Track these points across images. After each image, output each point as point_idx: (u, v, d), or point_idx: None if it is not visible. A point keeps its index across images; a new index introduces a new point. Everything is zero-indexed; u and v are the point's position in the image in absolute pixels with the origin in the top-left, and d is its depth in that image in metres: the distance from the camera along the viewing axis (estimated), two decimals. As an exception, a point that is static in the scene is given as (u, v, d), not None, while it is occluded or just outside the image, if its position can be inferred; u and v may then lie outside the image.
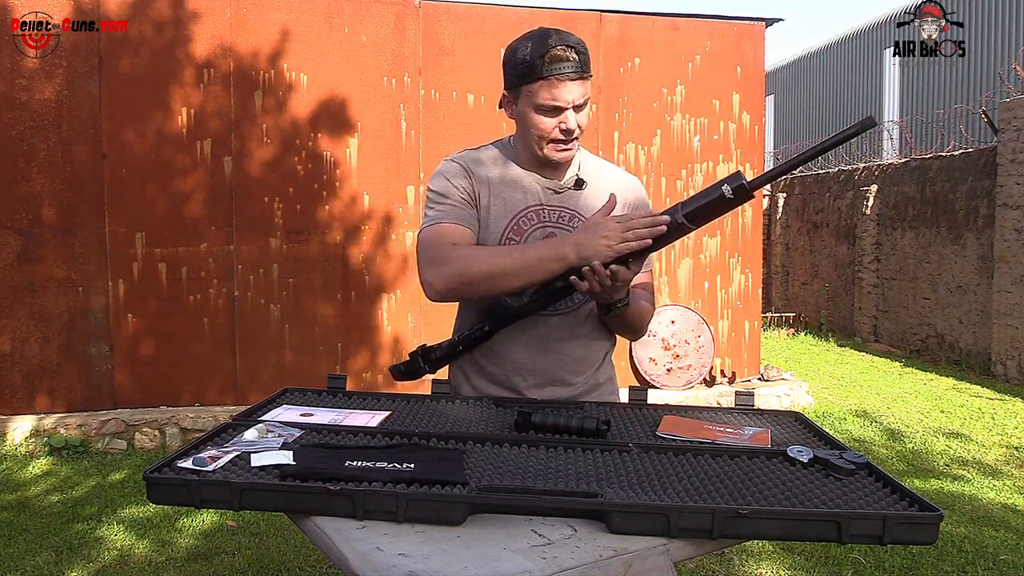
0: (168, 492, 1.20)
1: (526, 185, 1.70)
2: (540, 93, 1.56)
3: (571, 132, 1.60)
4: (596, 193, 1.71)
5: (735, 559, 3.33)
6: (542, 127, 1.60)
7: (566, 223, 1.69)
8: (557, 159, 1.65)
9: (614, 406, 1.72)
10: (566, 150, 1.64)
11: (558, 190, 1.70)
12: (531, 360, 1.70)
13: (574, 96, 1.57)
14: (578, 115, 1.60)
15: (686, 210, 1.45)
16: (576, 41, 1.58)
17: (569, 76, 1.55)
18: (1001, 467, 4.67)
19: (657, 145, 5.82)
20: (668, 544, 1.11)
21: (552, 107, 1.57)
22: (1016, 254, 7.00)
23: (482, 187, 1.69)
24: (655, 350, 5.82)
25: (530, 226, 1.68)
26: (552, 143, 1.63)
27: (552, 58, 1.54)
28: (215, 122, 5.08)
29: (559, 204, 1.70)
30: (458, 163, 1.71)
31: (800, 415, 1.68)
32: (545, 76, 1.55)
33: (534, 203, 1.69)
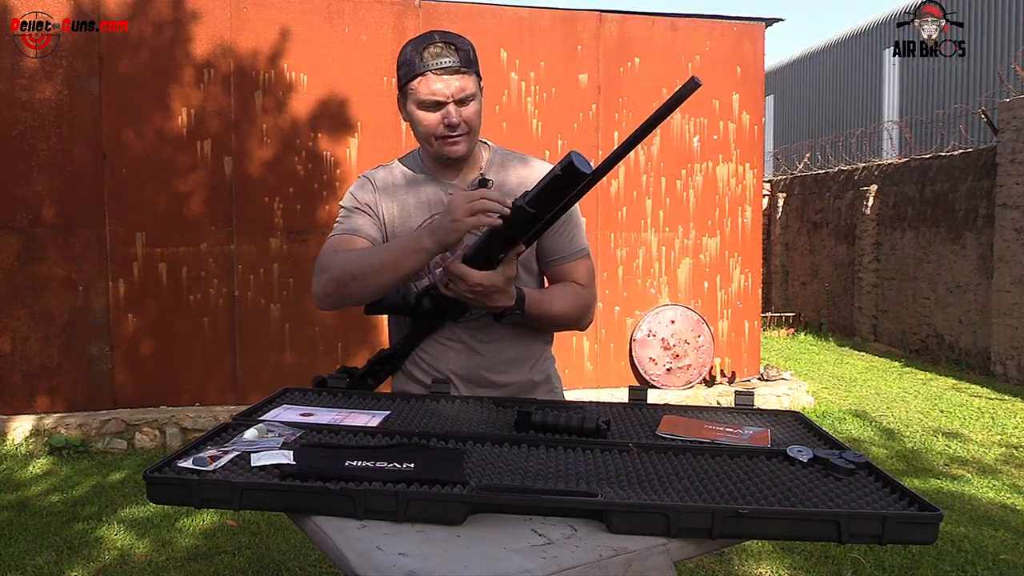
0: (168, 492, 1.20)
1: (429, 192, 1.71)
2: (420, 89, 1.58)
3: (454, 126, 1.60)
4: (505, 192, 1.67)
5: (735, 559, 3.33)
6: (426, 123, 1.61)
7: None
8: (448, 153, 1.64)
9: (614, 406, 1.72)
10: (454, 144, 1.63)
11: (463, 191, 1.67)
12: (458, 364, 1.72)
13: (452, 89, 1.57)
14: (463, 109, 1.60)
15: (528, 196, 1.43)
16: (456, 38, 1.60)
17: (446, 70, 1.57)
18: (1000, 467, 4.67)
19: (657, 145, 5.82)
20: (668, 544, 1.11)
21: (432, 102, 1.59)
22: (1016, 254, 7.00)
23: (387, 200, 1.71)
24: (655, 350, 5.83)
25: None
26: (440, 139, 1.63)
27: (429, 54, 1.57)
28: (215, 122, 5.08)
29: None
30: (365, 177, 1.75)
31: (800, 415, 1.68)
32: (422, 72, 1.57)
33: (437, 210, 1.67)
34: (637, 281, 5.86)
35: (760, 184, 6.12)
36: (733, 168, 5.97)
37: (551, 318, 1.71)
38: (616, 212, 5.77)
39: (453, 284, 1.52)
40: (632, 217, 5.81)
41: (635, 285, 5.86)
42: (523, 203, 1.43)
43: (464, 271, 1.50)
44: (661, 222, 5.87)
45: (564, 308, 1.72)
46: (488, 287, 1.51)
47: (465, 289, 1.51)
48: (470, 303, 1.56)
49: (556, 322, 1.74)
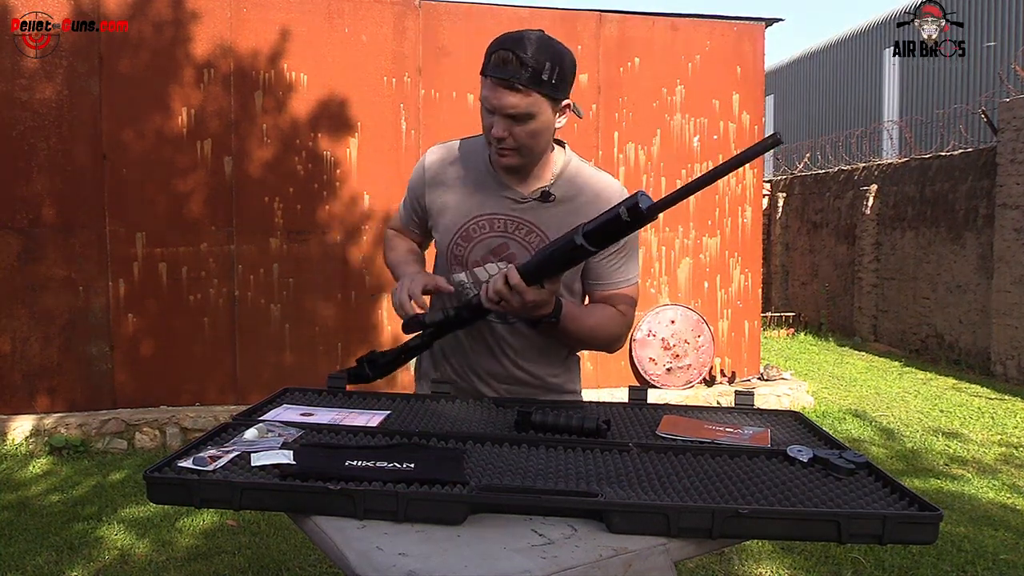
0: (168, 492, 1.20)
1: (487, 191, 1.66)
2: (482, 87, 1.55)
3: (500, 139, 1.54)
4: (569, 208, 1.64)
5: (735, 559, 3.33)
6: (483, 124, 1.58)
7: (522, 236, 1.65)
8: (496, 162, 1.61)
9: (614, 406, 1.72)
10: (502, 155, 1.57)
11: (520, 200, 1.64)
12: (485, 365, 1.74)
13: (504, 103, 1.50)
14: (514, 126, 1.53)
15: (587, 230, 1.40)
16: (535, 50, 1.49)
17: (501, 82, 1.50)
18: (1000, 467, 4.67)
19: (657, 145, 5.82)
20: (668, 544, 1.11)
21: (487, 107, 1.54)
22: (1016, 254, 7.00)
23: (435, 185, 1.71)
24: (655, 350, 5.83)
25: (480, 234, 1.66)
26: (491, 144, 1.59)
27: (497, 59, 1.50)
28: (215, 122, 5.08)
29: (519, 216, 1.65)
30: (425, 160, 1.75)
31: (800, 415, 1.68)
32: (485, 74, 1.53)
33: (489, 212, 1.65)
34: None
35: (760, 184, 6.12)
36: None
37: (584, 335, 1.66)
38: (616, 212, 5.77)
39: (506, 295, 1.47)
40: (632, 217, 5.79)
41: (635, 285, 5.85)
42: (583, 241, 1.39)
43: (522, 287, 1.45)
44: (661, 222, 5.87)
45: (598, 328, 1.67)
46: (537, 302, 1.49)
47: (517, 303, 1.47)
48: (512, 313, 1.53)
49: (588, 340, 1.69)
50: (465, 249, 1.68)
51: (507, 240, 1.65)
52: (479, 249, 1.67)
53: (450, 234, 1.69)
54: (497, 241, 1.66)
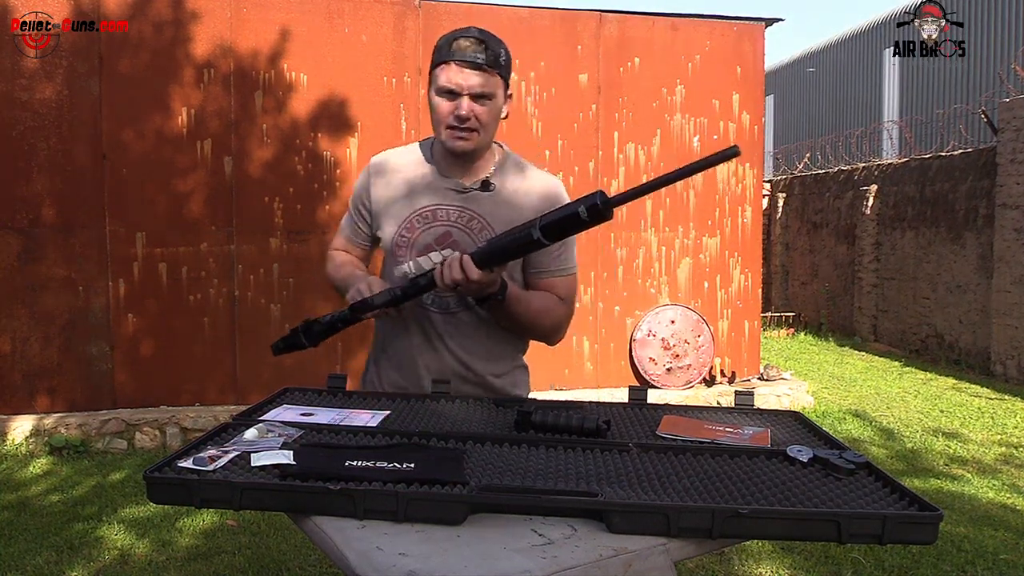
0: (168, 492, 1.20)
1: (427, 184, 1.76)
2: (440, 76, 1.63)
3: (463, 119, 1.64)
4: (508, 197, 1.74)
5: (735, 559, 3.33)
6: (439, 110, 1.65)
7: (464, 224, 1.72)
8: (453, 146, 1.67)
9: (614, 406, 1.72)
10: (461, 138, 1.66)
11: (461, 191, 1.73)
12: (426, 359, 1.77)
13: (471, 83, 1.62)
14: (477, 105, 1.64)
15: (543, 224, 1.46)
16: (491, 38, 1.66)
17: (468, 64, 1.62)
18: (1000, 467, 4.67)
19: (657, 145, 5.82)
20: (668, 544, 1.11)
21: (447, 90, 1.63)
22: (1016, 254, 7.00)
23: (378, 185, 1.79)
24: (655, 350, 5.83)
25: (424, 225, 1.74)
26: (449, 129, 1.66)
27: (458, 46, 1.62)
28: (215, 122, 5.08)
29: (461, 205, 1.73)
30: (369, 165, 1.84)
31: (800, 415, 1.68)
32: (446, 60, 1.62)
33: (432, 203, 1.74)
34: (637, 281, 5.86)
35: (760, 184, 6.12)
36: (733, 168, 5.97)
37: (529, 317, 1.71)
38: (616, 212, 5.76)
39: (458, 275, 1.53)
40: (632, 217, 5.81)
41: (635, 285, 5.86)
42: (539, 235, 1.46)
43: (469, 266, 1.52)
44: (661, 222, 5.87)
45: (543, 312, 1.74)
46: (484, 283, 1.55)
47: (462, 280, 1.53)
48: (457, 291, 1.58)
49: (530, 323, 1.74)
50: (409, 240, 1.74)
51: (450, 228, 1.72)
52: (423, 239, 1.73)
53: (395, 227, 1.76)
54: (441, 230, 1.73)
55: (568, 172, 5.67)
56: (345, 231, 1.89)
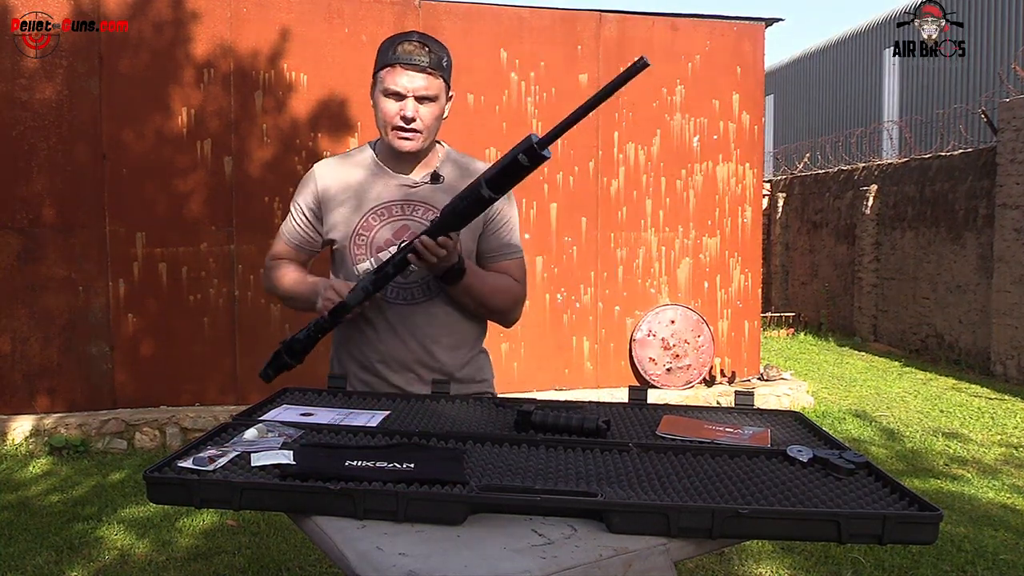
0: (168, 492, 1.20)
1: (379, 183, 1.81)
2: (386, 79, 1.71)
3: (408, 120, 1.70)
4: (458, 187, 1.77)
5: (735, 559, 3.33)
6: (384, 112, 1.72)
7: (420, 216, 1.79)
8: (399, 147, 1.74)
9: (614, 406, 1.72)
10: (407, 139, 1.73)
11: (412, 185, 1.81)
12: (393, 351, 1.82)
13: (416, 85, 1.69)
14: (422, 107, 1.71)
15: (487, 177, 1.52)
16: (433, 42, 1.73)
17: (414, 66, 1.68)
18: (1000, 467, 4.67)
19: (657, 145, 5.82)
20: (668, 544, 1.11)
21: (393, 92, 1.70)
22: (1016, 254, 7.00)
23: (329, 190, 1.83)
24: (655, 350, 5.83)
25: (380, 222, 1.80)
26: (395, 129, 1.73)
27: (403, 49, 1.69)
28: (215, 122, 5.08)
29: (414, 199, 1.81)
30: (314, 171, 1.88)
31: (800, 415, 1.68)
32: (392, 63, 1.70)
33: (385, 200, 1.80)
34: (637, 281, 5.86)
35: (760, 184, 6.12)
36: (733, 168, 5.97)
37: (486, 294, 1.79)
38: (616, 212, 5.78)
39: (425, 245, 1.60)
40: (632, 217, 5.81)
41: (635, 285, 5.86)
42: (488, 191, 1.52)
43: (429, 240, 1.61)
44: (661, 222, 5.87)
45: (499, 290, 1.82)
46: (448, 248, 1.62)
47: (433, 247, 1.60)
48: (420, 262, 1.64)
49: (490, 300, 1.81)
50: (368, 238, 1.80)
51: (406, 221, 1.79)
52: (381, 234, 1.79)
53: (350, 228, 1.80)
54: (397, 224, 1.80)
55: (568, 172, 5.67)
56: (290, 239, 1.91)
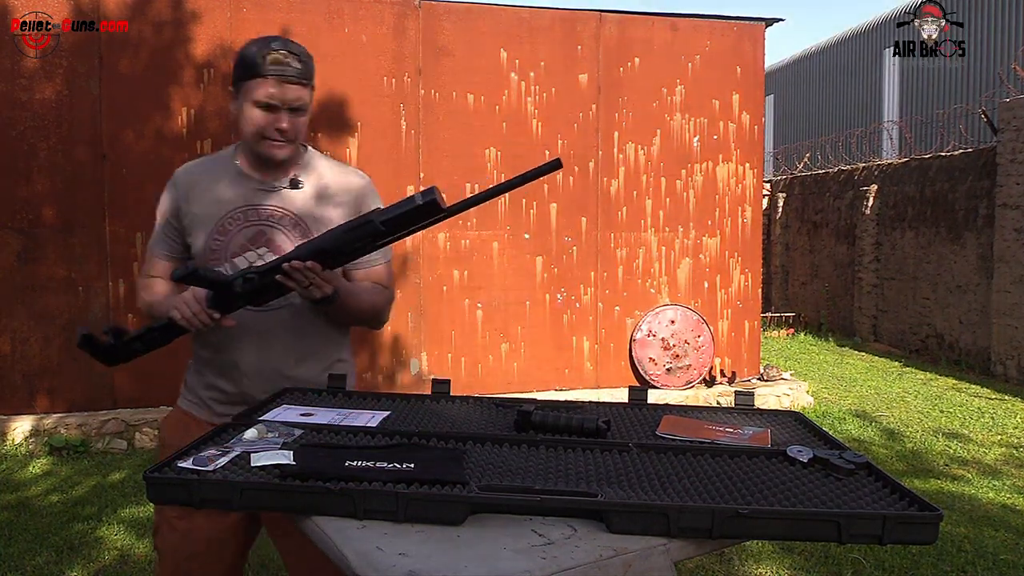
0: (168, 492, 1.20)
1: (236, 187, 1.77)
2: (258, 90, 1.67)
3: (284, 132, 1.69)
4: (317, 192, 1.79)
5: (735, 559, 3.33)
6: (256, 122, 1.69)
7: (277, 221, 1.75)
8: (272, 155, 1.72)
9: (614, 406, 1.72)
10: (280, 147, 1.71)
11: (270, 189, 1.77)
12: (248, 356, 1.76)
13: (290, 97, 1.69)
14: (293, 117, 1.70)
15: (383, 218, 1.51)
16: (299, 49, 1.73)
17: (287, 79, 1.68)
18: (1001, 467, 4.67)
19: (657, 145, 5.82)
20: (668, 544, 1.11)
21: (267, 104, 1.68)
22: (1016, 254, 7.00)
23: (187, 196, 1.80)
24: (655, 350, 5.82)
25: (236, 226, 1.75)
26: (266, 139, 1.70)
27: (273, 60, 1.67)
28: (215, 122, 5.08)
29: (272, 204, 1.76)
30: (174, 176, 1.86)
31: (800, 415, 1.68)
32: (264, 75, 1.67)
33: (242, 204, 1.76)
34: (637, 281, 5.86)
35: (760, 184, 6.12)
36: (733, 168, 5.97)
37: (358, 309, 1.78)
38: (616, 212, 5.78)
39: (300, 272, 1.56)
40: (632, 217, 5.81)
41: (635, 285, 5.86)
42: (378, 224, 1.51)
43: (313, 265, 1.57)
44: (661, 222, 5.87)
45: (370, 302, 1.80)
46: (325, 278, 1.60)
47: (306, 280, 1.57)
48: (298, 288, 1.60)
49: (361, 314, 1.80)
50: (223, 244, 1.75)
51: (263, 227, 1.75)
52: (237, 240, 1.74)
53: (206, 233, 1.76)
54: (254, 230, 1.75)
55: (568, 172, 5.67)
56: (161, 252, 1.84)
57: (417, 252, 5.43)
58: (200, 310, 1.64)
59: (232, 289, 1.62)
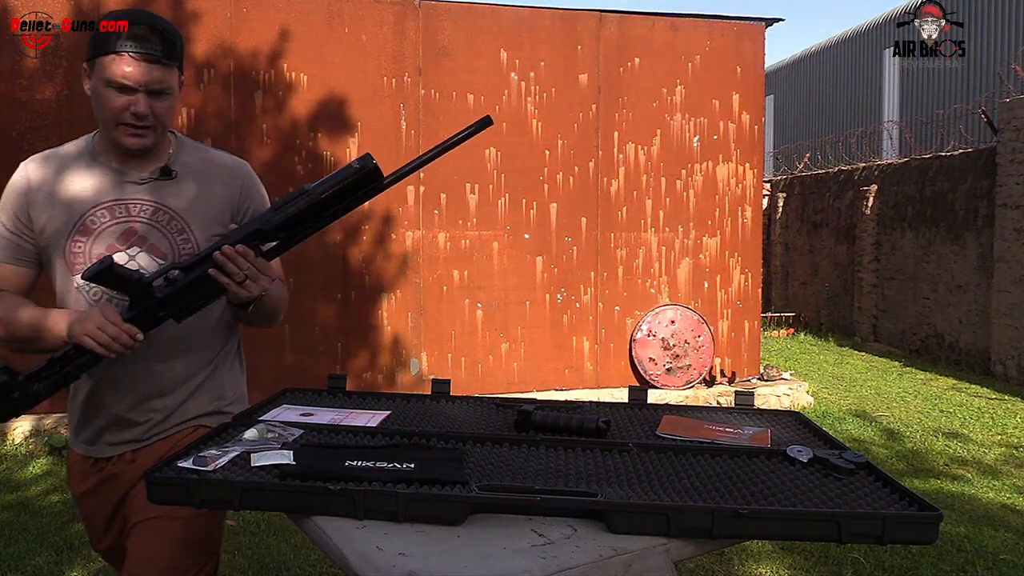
0: (168, 492, 1.20)
1: (101, 180, 1.55)
2: (112, 68, 1.46)
3: (141, 116, 1.48)
4: (193, 181, 1.60)
5: (735, 559, 3.33)
6: (110, 106, 1.47)
7: (149, 217, 1.55)
8: (129, 144, 1.50)
9: (614, 406, 1.72)
10: (138, 135, 1.50)
11: (139, 182, 1.56)
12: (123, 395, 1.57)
13: (147, 78, 1.47)
14: (155, 102, 1.49)
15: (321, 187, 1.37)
16: (164, 25, 1.53)
17: (145, 56, 1.47)
18: (1001, 467, 4.67)
19: (657, 145, 5.82)
20: (668, 544, 1.11)
21: (120, 84, 1.46)
22: (1016, 254, 7.00)
23: (39, 191, 1.56)
24: (655, 350, 5.82)
25: (101, 224, 1.53)
26: (123, 125, 1.49)
27: (131, 35, 1.48)
28: (215, 122, 5.08)
29: (142, 197, 1.55)
30: (17, 177, 1.61)
31: (800, 415, 1.68)
32: (118, 50, 1.47)
33: (107, 199, 1.54)
34: (637, 281, 5.86)
35: (760, 184, 6.12)
36: (733, 168, 5.97)
37: (274, 305, 1.63)
38: (616, 212, 5.78)
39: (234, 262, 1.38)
40: (632, 217, 5.81)
41: (635, 285, 5.86)
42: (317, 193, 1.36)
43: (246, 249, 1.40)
44: (661, 222, 5.87)
45: (280, 297, 1.66)
46: (262, 268, 1.44)
47: (245, 267, 1.40)
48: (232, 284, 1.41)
49: (275, 310, 1.65)
50: (85, 245, 1.53)
51: (133, 224, 1.54)
52: (103, 240, 1.53)
53: (64, 235, 1.53)
54: (122, 227, 1.54)
55: (568, 172, 5.67)
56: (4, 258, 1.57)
57: (417, 252, 5.43)
58: (118, 331, 1.39)
59: (152, 294, 1.39)
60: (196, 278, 1.40)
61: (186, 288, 1.41)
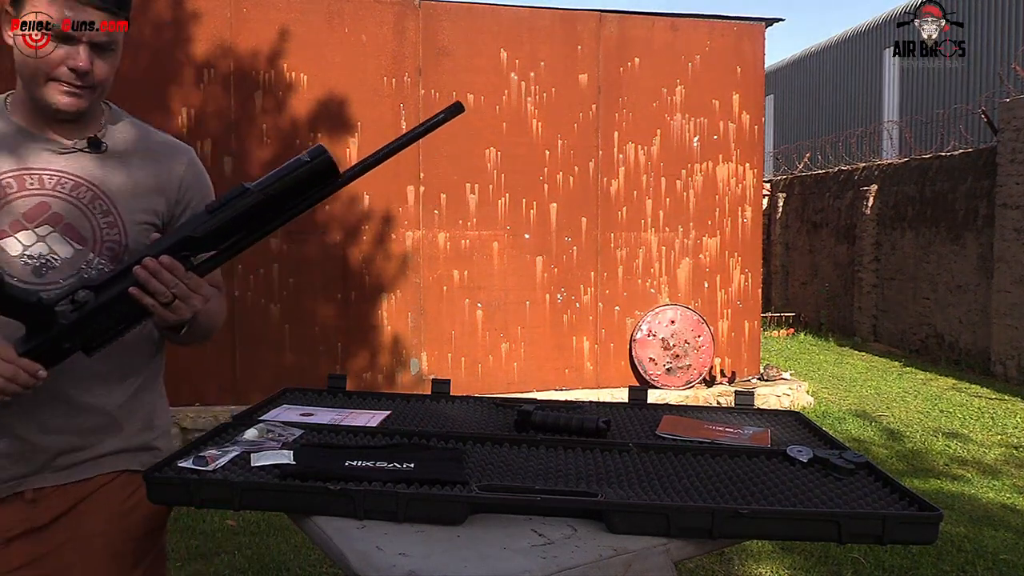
0: (168, 492, 1.20)
1: (13, 144, 1.29)
2: (46, 7, 1.28)
3: (82, 74, 1.27)
4: (124, 158, 1.36)
5: (735, 559, 3.33)
6: (43, 55, 1.29)
7: (68, 193, 1.29)
8: (60, 104, 1.26)
9: (614, 406, 1.72)
10: (73, 95, 1.27)
11: (62, 151, 1.31)
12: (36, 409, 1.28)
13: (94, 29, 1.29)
14: (98, 58, 1.29)
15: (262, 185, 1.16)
16: None
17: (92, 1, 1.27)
18: (1001, 467, 4.67)
19: (657, 145, 5.82)
20: (668, 544, 1.11)
21: (59, 32, 1.27)
22: (1016, 254, 7.00)
23: None
24: (655, 350, 5.82)
25: (6, 195, 1.26)
26: (54, 81, 1.26)
27: None
28: (215, 122, 5.08)
29: (61, 169, 1.30)
30: None
31: (800, 415, 1.68)
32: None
33: (18, 167, 1.27)
34: (637, 281, 5.86)
35: (760, 184, 6.12)
36: (733, 168, 5.97)
37: (211, 324, 1.44)
38: (616, 212, 5.77)
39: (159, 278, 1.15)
40: (632, 217, 5.81)
41: (635, 285, 5.86)
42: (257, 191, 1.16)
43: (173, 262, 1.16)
44: (661, 222, 5.87)
45: (218, 312, 1.48)
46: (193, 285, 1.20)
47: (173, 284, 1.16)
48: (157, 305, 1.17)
49: (211, 329, 1.46)
50: None
51: (46, 199, 1.28)
52: (5, 215, 1.25)
53: None
54: (32, 201, 1.27)
55: (568, 172, 5.67)
56: None
57: (417, 252, 5.43)
58: (15, 370, 1.11)
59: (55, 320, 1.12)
60: (111, 299, 1.15)
61: (98, 312, 1.14)
